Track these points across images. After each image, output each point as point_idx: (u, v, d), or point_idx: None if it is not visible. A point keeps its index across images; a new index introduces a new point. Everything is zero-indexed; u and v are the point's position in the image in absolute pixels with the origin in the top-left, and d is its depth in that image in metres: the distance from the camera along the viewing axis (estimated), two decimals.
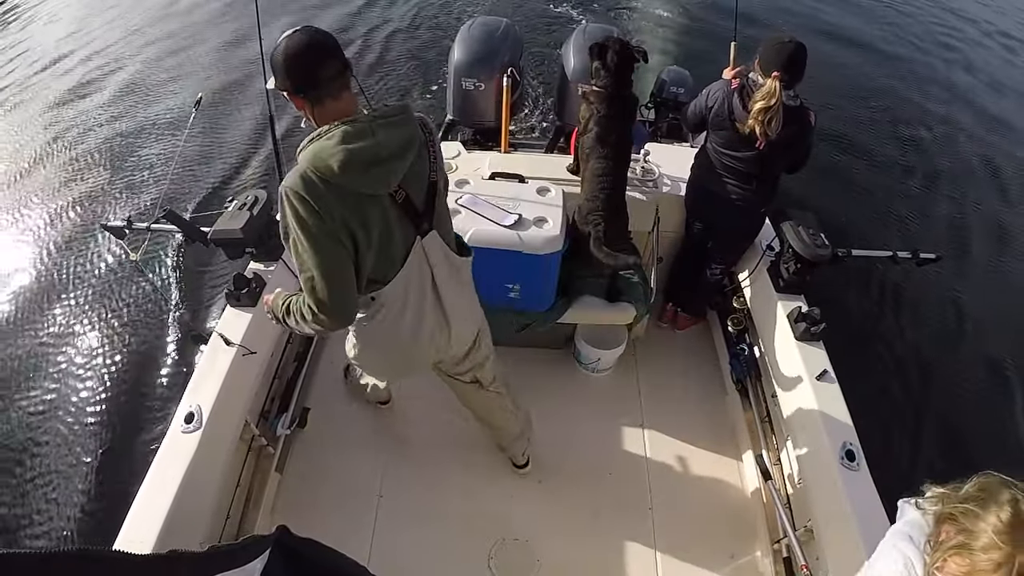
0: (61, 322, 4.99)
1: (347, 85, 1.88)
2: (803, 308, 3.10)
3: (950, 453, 4.34)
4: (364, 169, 1.80)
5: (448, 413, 3.53)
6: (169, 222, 2.95)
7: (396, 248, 2.04)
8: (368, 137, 1.81)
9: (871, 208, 6.45)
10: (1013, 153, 7.77)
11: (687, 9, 10.14)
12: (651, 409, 3.65)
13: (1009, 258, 6.10)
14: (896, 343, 4.98)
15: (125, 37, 9.39)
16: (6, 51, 9.33)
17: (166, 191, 6.06)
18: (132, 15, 10.05)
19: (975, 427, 4.51)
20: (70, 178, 6.58)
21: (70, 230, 5.89)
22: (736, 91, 3.00)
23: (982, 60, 10.26)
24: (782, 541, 2.90)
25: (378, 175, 1.85)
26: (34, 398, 4.43)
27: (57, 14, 10.41)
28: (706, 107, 3.15)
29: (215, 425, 2.57)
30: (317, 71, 1.82)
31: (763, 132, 2.86)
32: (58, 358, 4.70)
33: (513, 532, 3.07)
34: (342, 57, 1.86)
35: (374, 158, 1.81)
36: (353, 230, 1.87)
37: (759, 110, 2.81)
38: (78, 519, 3.79)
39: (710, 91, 3.16)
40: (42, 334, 4.91)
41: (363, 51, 8.85)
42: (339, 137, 1.78)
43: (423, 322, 2.25)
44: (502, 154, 3.88)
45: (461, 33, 4.20)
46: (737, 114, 2.98)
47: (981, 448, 4.37)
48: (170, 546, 1.84)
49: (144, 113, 7.65)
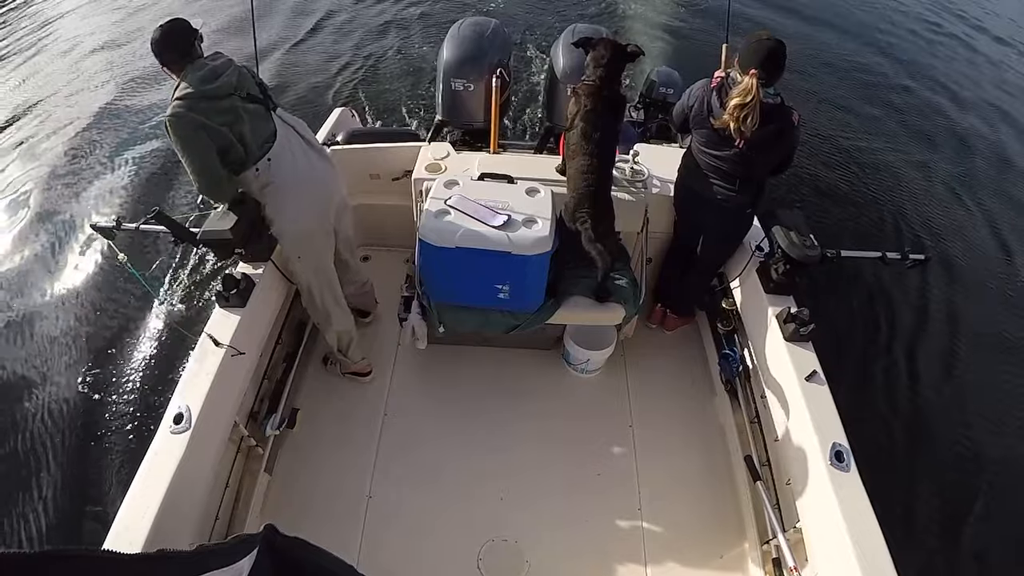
0: (47, 322, 4.98)
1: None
2: (792, 309, 3.10)
3: (939, 453, 4.37)
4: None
5: (437, 414, 3.54)
6: (158, 223, 2.93)
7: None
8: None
9: (860, 209, 6.50)
10: (1009, 153, 7.87)
11: (678, 12, 10.17)
12: (640, 410, 3.66)
13: (999, 258, 6.15)
14: (885, 344, 5.01)
15: (125, 35, 9.40)
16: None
17: (154, 192, 6.05)
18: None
19: (965, 428, 4.54)
20: (59, 178, 6.56)
21: (58, 230, 5.87)
22: (715, 89, 3.00)
23: (978, 57, 10.40)
24: (771, 542, 2.91)
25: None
26: (21, 400, 4.41)
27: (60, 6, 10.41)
28: (687, 106, 3.15)
29: (204, 426, 2.56)
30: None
31: (738, 129, 2.85)
32: (44, 359, 4.69)
33: (502, 533, 3.07)
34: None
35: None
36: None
37: (734, 107, 2.80)
38: (67, 519, 3.78)
39: (691, 90, 3.16)
40: (28, 334, 4.89)
41: (356, 52, 8.85)
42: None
43: (312, 164, 3.03)
44: (491, 155, 3.88)
45: (450, 33, 4.20)
46: (715, 112, 2.98)
47: (971, 448, 4.41)
48: (159, 546, 1.84)
49: (134, 111, 7.63)
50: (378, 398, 3.63)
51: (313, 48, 9.00)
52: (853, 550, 2.28)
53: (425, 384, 3.75)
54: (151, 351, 4.71)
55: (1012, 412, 4.69)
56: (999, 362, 5.05)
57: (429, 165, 3.68)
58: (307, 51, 8.93)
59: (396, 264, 4.16)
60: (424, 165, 3.68)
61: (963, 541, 3.95)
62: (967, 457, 4.38)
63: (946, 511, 4.08)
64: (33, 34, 9.80)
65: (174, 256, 5.41)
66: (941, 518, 4.04)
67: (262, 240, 3.17)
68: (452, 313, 3.32)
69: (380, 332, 3.97)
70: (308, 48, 9.00)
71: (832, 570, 2.38)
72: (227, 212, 2.93)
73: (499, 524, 3.11)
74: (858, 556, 2.27)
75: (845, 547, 2.31)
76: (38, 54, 9.20)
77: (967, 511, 4.09)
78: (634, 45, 3.16)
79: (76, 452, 4.09)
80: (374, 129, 6.22)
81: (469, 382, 3.75)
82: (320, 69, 8.51)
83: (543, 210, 3.04)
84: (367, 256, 4.47)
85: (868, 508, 2.42)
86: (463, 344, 3.84)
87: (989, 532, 3.99)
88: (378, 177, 4.11)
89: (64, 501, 3.87)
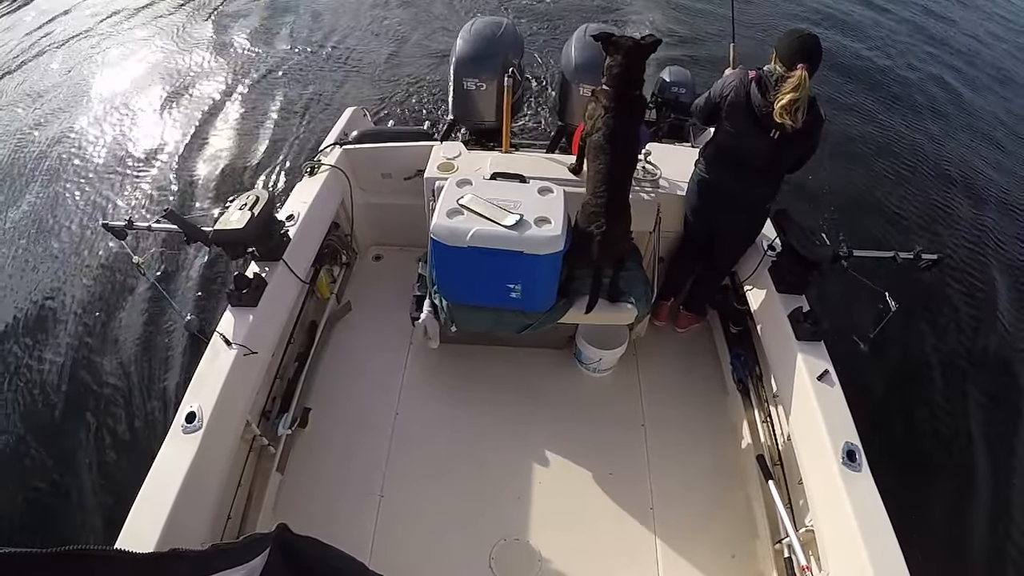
0: (60, 321, 5.02)
1: None
2: (804, 308, 3.09)
3: (953, 454, 4.34)
4: None
5: (449, 413, 3.54)
6: (170, 222, 2.94)
7: None
8: None
9: (873, 209, 6.45)
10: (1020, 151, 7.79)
11: (684, 13, 10.14)
12: (652, 409, 3.65)
13: (1013, 258, 6.10)
14: (897, 344, 4.97)
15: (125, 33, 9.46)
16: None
17: (167, 191, 6.09)
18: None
19: (979, 427, 4.51)
20: (70, 177, 6.61)
21: (70, 229, 5.91)
22: (754, 80, 2.95)
23: (990, 55, 10.28)
24: (783, 542, 2.90)
25: None
26: (37, 399, 4.45)
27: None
28: (721, 96, 3.09)
29: (216, 425, 2.57)
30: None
31: (792, 122, 2.80)
32: (57, 358, 4.72)
33: (514, 532, 3.07)
34: None
35: None
36: None
37: (789, 101, 2.75)
38: (80, 518, 3.80)
39: (725, 81, 3.10)
40: (40, 333, 4.93)
41: (367, 52, 8.88)
42: None
43: None
44: (503, 154, 3.88)
45: (462, 33, 4.20)
46: (756, 102, 2.93)
47: (984, 449, 4.38)
48: (171, 545, 1.84)
49: (146, 113, 7.68)
50: (390, 397, 3.63)
51: (325, 48, 9.03)
52: (865, 550, 2.27)
53: (437, 383, 3.75)
54: (162, 350, 4.74)
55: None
56: (1015, 362, 5.01)
57: (441, 164, 3.68)
58: (319, 51, 8.96)
59: (408, 263, 4.16)
60: (436, 164, 3.69)
61: (976, 541, 3.92)
62: (981, 457, 4.35)
63: (959, 511, 4.05)
64: (32, 33, 9.90)
65: (186, 255, 5.43)
66: (954, 518, 4.01)
67: (274, 238, 3.18)
68: (464, 312, 3.32)
69: (392, 331, 3.97)
70: (320, 48, 9.03)
71: (844, 570, 2.37)
72: (239, 211, 2.94)
73: (511, 523, 3.11)
74: (870, 556, 2.25)
75: (857, 547, 2.30)
76: (41, 54, 9.29)
77: (981, 511, 4.06)
78: (650, 36, 3.10)
79: (87, 451, 4.12)
80: (385, 128, 6.23)
81: (481, 381, 3.75)
82: (331, 69, 8.54)
83: (555, 210, 3.03)
84: (379, 255, 4.47)
85: (880, 508, 2.41)
86: (475, 343, 3.84)
87: (1003, 533, 3.96)
88: (390, 176, 4.12)
89: (75, 500, 3.90)
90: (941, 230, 6.33)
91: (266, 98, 7.91)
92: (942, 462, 4.29)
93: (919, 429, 4.45)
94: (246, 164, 6.75)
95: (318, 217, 3.67)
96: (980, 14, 11.89)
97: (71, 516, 3.82)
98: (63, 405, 4.40)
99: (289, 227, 3.40)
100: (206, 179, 6.52)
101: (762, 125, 2.94)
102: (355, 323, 4.06)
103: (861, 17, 10.88)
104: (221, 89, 8.07)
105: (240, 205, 3.04)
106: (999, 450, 4.39)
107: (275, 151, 6.93)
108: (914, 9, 11.49)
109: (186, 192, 6.36)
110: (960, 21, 11.36)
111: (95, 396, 4.44)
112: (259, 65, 8.61)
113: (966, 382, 4.85)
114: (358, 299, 4.16)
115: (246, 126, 7.37)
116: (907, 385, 4.74)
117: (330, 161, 3.93)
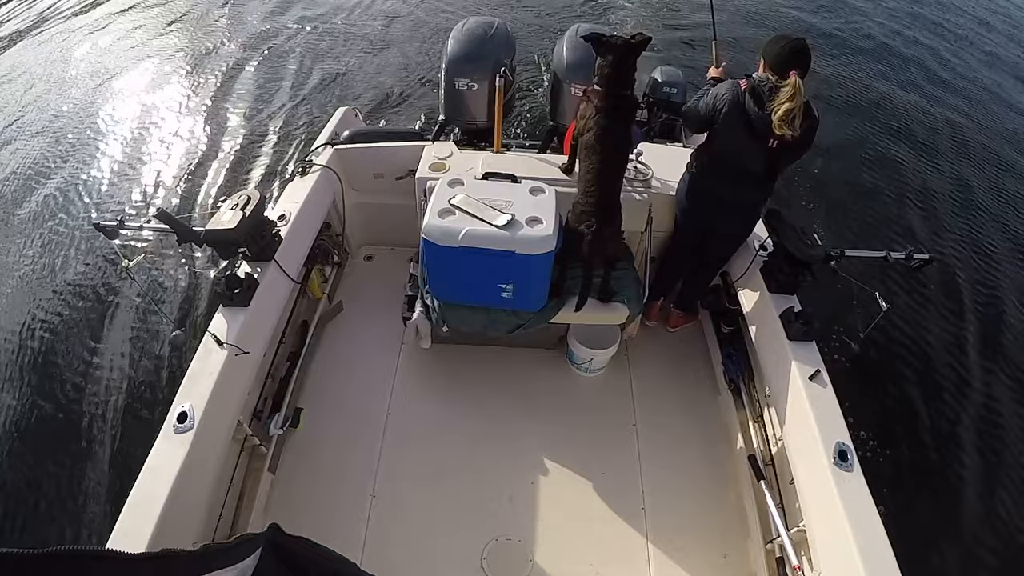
0: (50, 321, 4.98)
1: None
2: (796, 308, 3.10)
3: (944, 454, 4.36)
4: None
5: (440, 413, 3.54)
6: (162, 221, 2.93)
7: None
8: None
9: (864, 209, 6.47)
10: (1013, 152, 7.83)
11: (666, 12, 10.17)
12: (644, 409, 3.66)
13: (1004, 259, 6.13)
14: (889, 343, 4.99)
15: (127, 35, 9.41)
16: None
17: (159, 190, 6.06)
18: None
19: (969, 427, 4.53)
20: (62, 176, 6.58)
21: (59, 228, 5.88)
22: (747, 91, 2.95)
23: (981, 54, 10.33)
24: (775, 541, 2.91)
25: None
26: (24, 400, 4.42)
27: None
28: (715, 109, 3.08)
29: (208, 425, 2.56)
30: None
31: (791, 132, 2.79)
32: (47, 358, 4.69)
33: (506, 532, 3.07)
34: None
35: None
36: None
37: (786, 111, 2.75)
38: (71, 518, 3.78)
39: (717, 93, 3.09)
40: (30, 333, 4.89)
41: (359, 52, 8.87)
42: None
43: None
44: (495, 154, 3.88)
45: (454, 33, 4.20)
46: (751, 114, 2.93)
47: (975, 449, 4.40)
48: (163, 545, 1.84)
49: (137, 112, 7.65)
50: (382, 397, 3.63)
51: (316, 47, 9.02)
52: (857, 549, 2.27)
53: (429, 383, 3.75)
54: (154, 350, 4.71)
55: (1019, 412, 4.67)
56: (1004, 362, 5.04)
57: (433, 164, 3.68)
58: (310, 51, 8.95)
59: (400, 263, 4.15)
60: (428, 164, 3.69)
61: (967, 540, 3.94)
62: (972, 456, 4.37)
63: (951, 510, 4.07)
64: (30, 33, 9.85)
65: (177, 255, 5.41)
66: (945, 517, 4.03)
67: (265, 238, 3.17)
68: (456, 312, 3.31)
69: (384, 331, 3.97)
70: (311, 48, 9.02)
71: (836, 569, 2.38)
72: (230, 211, 2.93)
73: (503, 523, 3.11)
74: (862, 555, 2.26)
75: (849, 546, 2.31)
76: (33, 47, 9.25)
77: (972, 510, 4.08)
78: (639, 34, 3.07)
79: (78, 452, 4.09)
80: (377, 128, 6.22)
81: (472, 381, 3.75)
82: (323, 69, 8.53)
83: (547, 209, 3.02)
84: (371, 255, 4.47)
85: (872, 507, 2.41)
86: (467, 343, 3.84)
87: (994, 532, 3.98)
88: (382, 176, 4.11)
89: (66, 500, 3.87)
90: (932, 229, 6.36)
91: (257, 98, 7.90)
92: (933, 462, 4.30)
93: (911, 429, 4.47)
94: (238, 164, 6.73)
95: (310, 217, 3.66)
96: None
97: (62, 516, 3.80)
98: (52, 405, 4.37)
99: (281, 227, 3.39)
100: (197, 179, 6.49)
101: (759, 136, 2.94)
102: (347, 323, 4.06)
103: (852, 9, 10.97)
104: (212, 89, 8.05)
105: (232, 205, 3.03)
106: (989, 450, 4.41)
107: (267, 151, 6.92)
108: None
109: (177, 192, 6.33)
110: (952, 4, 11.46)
111: (85, 396, 4.41)
112: (250, 65, 8.59)
113: (957, 382, 4.87)
114: (350, 299, 4.16)
115: (238, 126, 7.36)
116: (898, 385, 4.75)
117: (322, 161, 3.92)
